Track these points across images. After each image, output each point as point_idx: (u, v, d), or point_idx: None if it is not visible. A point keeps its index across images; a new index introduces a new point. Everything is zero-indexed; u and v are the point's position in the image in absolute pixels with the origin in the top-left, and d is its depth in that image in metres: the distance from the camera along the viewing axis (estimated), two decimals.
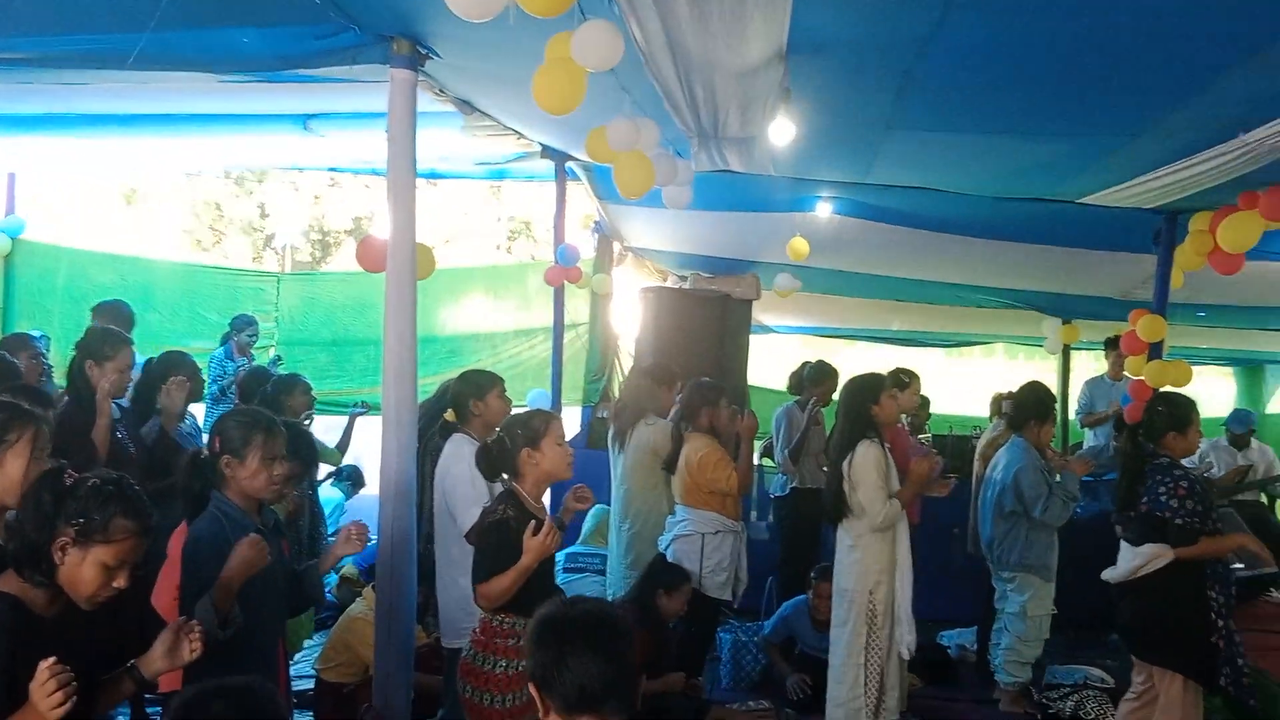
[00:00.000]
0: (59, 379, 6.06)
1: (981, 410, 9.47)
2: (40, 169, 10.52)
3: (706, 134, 5.96)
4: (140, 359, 5.60)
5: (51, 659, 2.47)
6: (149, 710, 5.53)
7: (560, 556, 7.20)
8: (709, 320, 9.01)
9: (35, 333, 7.16)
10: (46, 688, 2.44)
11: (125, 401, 5.45)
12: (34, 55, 5.12)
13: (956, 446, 9.15)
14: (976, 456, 7.59)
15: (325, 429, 7.55)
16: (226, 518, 3.60)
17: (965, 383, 13.36)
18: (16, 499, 2.96)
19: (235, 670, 3.47)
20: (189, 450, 3.67)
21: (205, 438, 4.15)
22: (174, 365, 5.62)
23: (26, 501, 2.78)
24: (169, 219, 25.25)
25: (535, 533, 3.92)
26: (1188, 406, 5.30)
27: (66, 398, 5.18)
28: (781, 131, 5.26)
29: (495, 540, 4.04)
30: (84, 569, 2.70)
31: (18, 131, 7.55)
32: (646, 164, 5.37)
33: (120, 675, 2.96)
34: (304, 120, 6.91)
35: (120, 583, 2.75)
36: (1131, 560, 5.19)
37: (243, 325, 9.50)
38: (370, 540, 4.60)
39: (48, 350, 6.76)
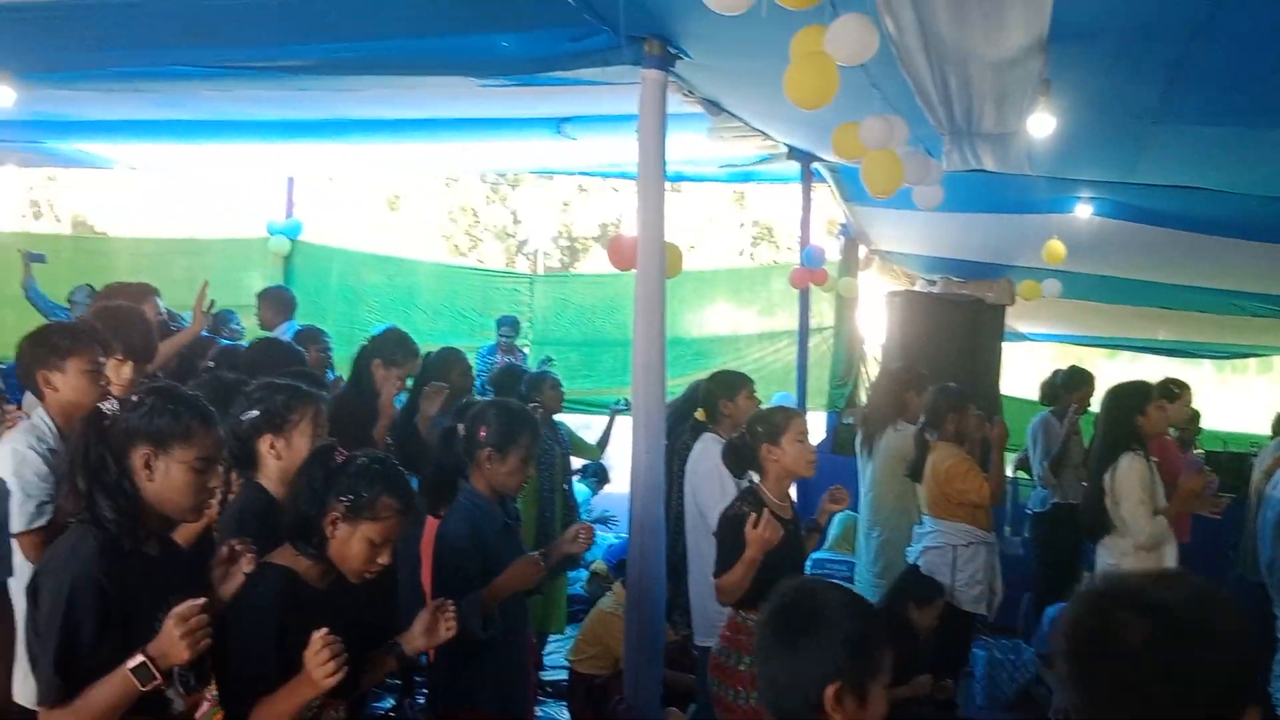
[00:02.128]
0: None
1: (1257, 428, 8.82)
2: (314, 174, 11.25)
3: (960, 131, 5.79)
4: None
5: (325, 629, 2.57)
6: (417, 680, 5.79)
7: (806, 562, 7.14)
8: (959, 326, 8.76)
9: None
10: (320, 656, 2.54)
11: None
12: (310, 62, 5.47)
13: (1231, 464, 8.55)
14: (1256, 472, 7.07)
15: (576, 427, 7.75)
16: (477, 509, 3.75)
17: (1239, 398, 12.47)
18: None
19: (493, 656, 3.67)
20: (444, 426, 3.84)
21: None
22: (445, 365, 5.76)
23: (300, 477, 2.91)
24: (429, 224, 26.46)
25: (755, 525, 3.90)
26: None
27: (344, 387, 5.45)
28: (1040, 124, 5.05)
29: (731, 535, 4.06)
30: (352, 544, 2.80)
31: (296, 138, 8.08)
32: (896, 162, 5.26)
33: (385, 651, 3.10)
34: (558, 124, 7.12)
35: (384, 559, 2.85)
36: None
37: (502, 324, 10.12)
38: (621, 536, 4.68)
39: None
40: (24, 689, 3.27)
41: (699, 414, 5.54)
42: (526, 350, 11.02)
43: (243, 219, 12.19)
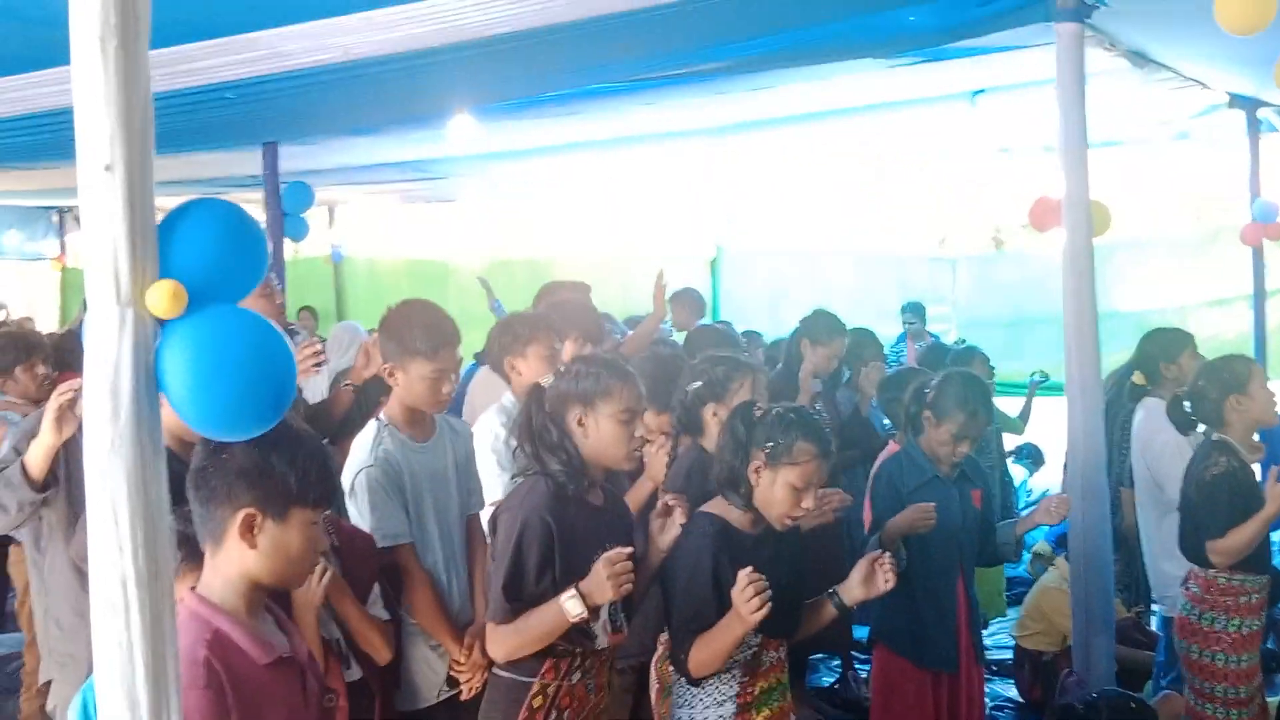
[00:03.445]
0: None
1: None
2: (736, 181, 11.69)
3: None
4: None
5: (750, 568, 2.77)
6: (858, 667, 5.89)
7: None
8: None
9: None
10: (745, 593, 2.73)
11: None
12: (726, 64, 5.75)
13: None
14: None
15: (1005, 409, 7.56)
16: (908, 459, 3.98)
17: None
18: None
19: (912, 601, 3.78)
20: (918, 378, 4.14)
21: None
22: (859, 345, 5.93)
23: (725, 431, 3.15)
24: (845, 220, 26.44)
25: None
26: None
27: (777, 368, 5.71)
28: None
29: (1226, 492, 3.91)
30: (775, 489, 2.98)
31: (720, 135, 8.43)
32: None
33: (822, 599, 3.22)
34: (972, 95, 7.00)
35: (808, 504, 3.01)
36: None
37: (906, 311, 10.10)
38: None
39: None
40: None
41: (1136, 378, 5.27)
42: (950, 334, 10.83)
43: (679, 234, 12.92)
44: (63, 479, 3.59)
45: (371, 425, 3.51)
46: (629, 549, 2.77)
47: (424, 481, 3.47)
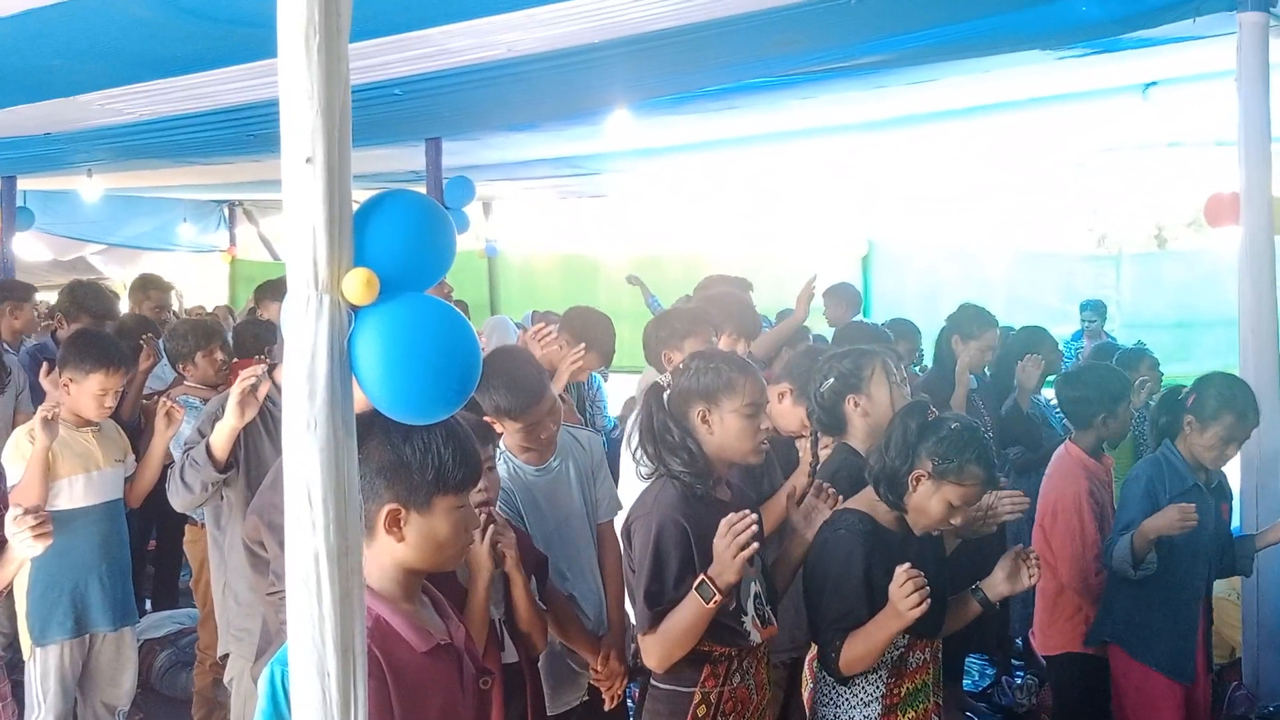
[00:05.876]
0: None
1: None
2: (887, 173, 11.54)
3: None
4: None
5: (907, 564, 2.72)
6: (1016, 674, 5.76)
7: None
8: None
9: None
10: (904, 589, 2.68)
11: None
12: (890, 56, 5.67)
13: None
14: None
15: None
16: (1168, 464, 3.92)
17: None
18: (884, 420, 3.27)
19: (1151, 607, 3.81)
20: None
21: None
22: (1033, 342, 5.77)
23: (893, 426, 3.05)
24: (998, 213, 25.81)
25: None
26: None
27: (930, 368, 5.61)
28: None
29: None
30: (932, 501, 2.92)
31: (870, 130, 8.31)
32: None
33: (966, 595, 3.14)
34: (1144, 88, 6.76)
35: (956, 521, 2.95)
36: None
37: (1085, 309, 9.79)
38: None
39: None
40: None
41: None
42: (1116, 335, 10.48)
43: (830, 230, 12.79)
44: (242, 461, 3.75)
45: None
46: (744, 513, 2.67)
47: (543, 503, 3.47)
